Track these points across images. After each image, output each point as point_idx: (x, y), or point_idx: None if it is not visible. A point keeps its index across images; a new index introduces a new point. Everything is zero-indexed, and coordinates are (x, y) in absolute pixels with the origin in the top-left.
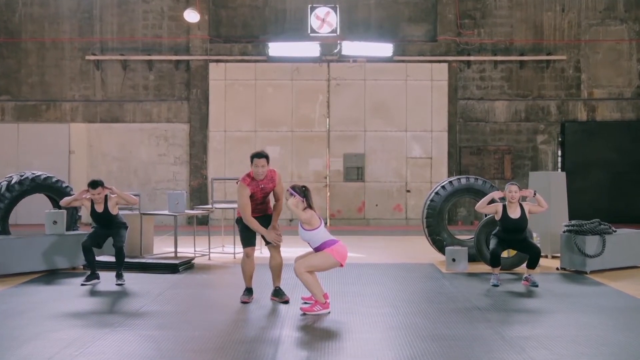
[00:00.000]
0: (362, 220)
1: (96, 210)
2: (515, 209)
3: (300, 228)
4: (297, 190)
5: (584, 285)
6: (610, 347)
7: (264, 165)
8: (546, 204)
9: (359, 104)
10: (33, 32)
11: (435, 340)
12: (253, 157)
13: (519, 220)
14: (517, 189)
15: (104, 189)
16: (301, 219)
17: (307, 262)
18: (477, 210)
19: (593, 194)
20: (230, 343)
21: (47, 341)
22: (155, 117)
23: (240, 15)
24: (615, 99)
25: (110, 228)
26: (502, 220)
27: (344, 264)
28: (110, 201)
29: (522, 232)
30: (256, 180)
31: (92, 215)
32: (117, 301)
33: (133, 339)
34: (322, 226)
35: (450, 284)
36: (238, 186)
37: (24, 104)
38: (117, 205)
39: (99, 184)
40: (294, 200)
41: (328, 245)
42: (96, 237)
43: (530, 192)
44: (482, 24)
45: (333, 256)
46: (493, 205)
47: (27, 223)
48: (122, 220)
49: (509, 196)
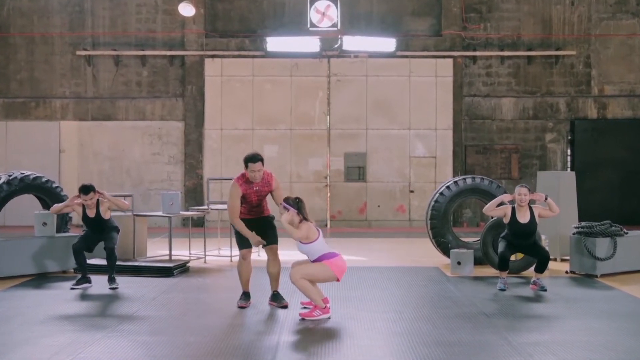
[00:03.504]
0: (363, 221)
1: (88, 216)
2: (525, 213)
3: (298, 242)
4: (290, 203)
5: (594, 289)
6: (620, 352)
7: (260, 170)
8: (557, 208)
9: (361, 101)
10: (22, 27)
11: (439, 346)
12: (247, 161)
13: (528, 225)
14: (527, 191)
15: (95, 194)
16: (296, 237)
17: (304, 271)
18: (485, 212)
19: (604, 195)
20: (227, 349)
21: (36, 347)
22: (149, 114)
23: (237, 9)
24: (626, 96)
25: (102, 232)
26: (510, 224)
27: (341, 278)
28: (102, 206)
29: (531, 237)
30: (251, 182)
31: (84, 220)
32: (109, 306)
33: (126, 344)
34: (321, 238)
35: (455, 288)
36: (230, 185)
37: (13, 101)
38: (109, 210)
39: (90, 189)
40: (288, 215)
41: (327, 258)
42: (87, 240)
43: (541, 196)
44: (488, 17)
45: (331, 269)
46: (502, 208)
47: (16, 225)
48: (114, 224)
49: (518, 199)
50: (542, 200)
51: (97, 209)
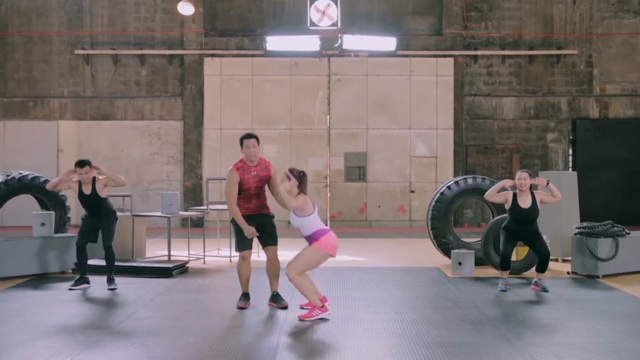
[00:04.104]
0: (364, 222)
1: (84, 193)
2: (526, 198)
3: (292, 214)
4: (294, 173)
5: (596, 290)
6: (623, 354)
7: (254, 146)
8: (560, 194)
9: (361, 101)
10: (20, 26)
11: (440, 348)
12: (243, 138)
13: (530, 210)
14: (527, 176)
15: (92, 168)
16: (291, 206)
17: (298, 263)
18: (486, 198)
19: (605, 195)
20: (226, 350)
21: (34, 349)
22: (148, 114)
23: (236, 8)
24: (628, 95)
25: (100, 215)
26: (511, 209)
27: (335, 254)
28: (99, 183)
29: (533, 223)
30: (248, 166)
31: (80, 198)
32: (107, 307)
33: (124, 346)
34: (315, 213)
35: (456, 288)
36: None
37: (11, 101)
38: (106, 187)
39: (86, 163)
40: (288, 184)
41: (319, 234)
42: (88, 232)
43: (542, 181)
44: (489, 16)
45: (321, 249)
46: (503, 194)
47: (14, 225)
48: (111, 207)
49: (519, 184)
50: (544, 185)
51: (93, 185)
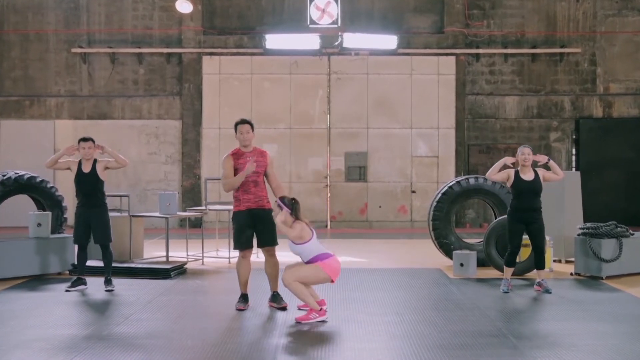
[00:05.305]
0: (364, 222)
1: (82, 171)
2: (529, 173)
3: (290, 242)
4: (285, 202)
5: (599, 291)
6: (626, 356)
7: (248, 132)
8: (562, 172)
9: (362, 100)
10: (16, 23)
11: (441, 350)
12: (237, 124)
13: (533, 182)
14: (529, 151)
15: (95, 147)
16: (290, 237)
17: (297, 273)
18: (488, 177)
19: (609, 195)
20: (225, 353)
21: (30, 351)
22: (146, 113)
23: (235, 6)
24: (632, 94)
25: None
26: (515, 184)
27: (335, 280)
28: (99, 164)
29: (537, 199)
30: (242, 152)
31: (78, 178)
32: (105, 308)
33: (122, 348)
34: (314, 239)
35: (457, 290)
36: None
37: (7, 100)
38: (106, 170)
39: (89, 139)
40: (282, 215)
41: (320, 259)
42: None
43: (544, 158)
44: (491, 14)
45: (324, 270)
46: (505, 172)
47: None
48: (104, 198)
49: (521, 159)
50: (545, 161)
51: (93, 166)
